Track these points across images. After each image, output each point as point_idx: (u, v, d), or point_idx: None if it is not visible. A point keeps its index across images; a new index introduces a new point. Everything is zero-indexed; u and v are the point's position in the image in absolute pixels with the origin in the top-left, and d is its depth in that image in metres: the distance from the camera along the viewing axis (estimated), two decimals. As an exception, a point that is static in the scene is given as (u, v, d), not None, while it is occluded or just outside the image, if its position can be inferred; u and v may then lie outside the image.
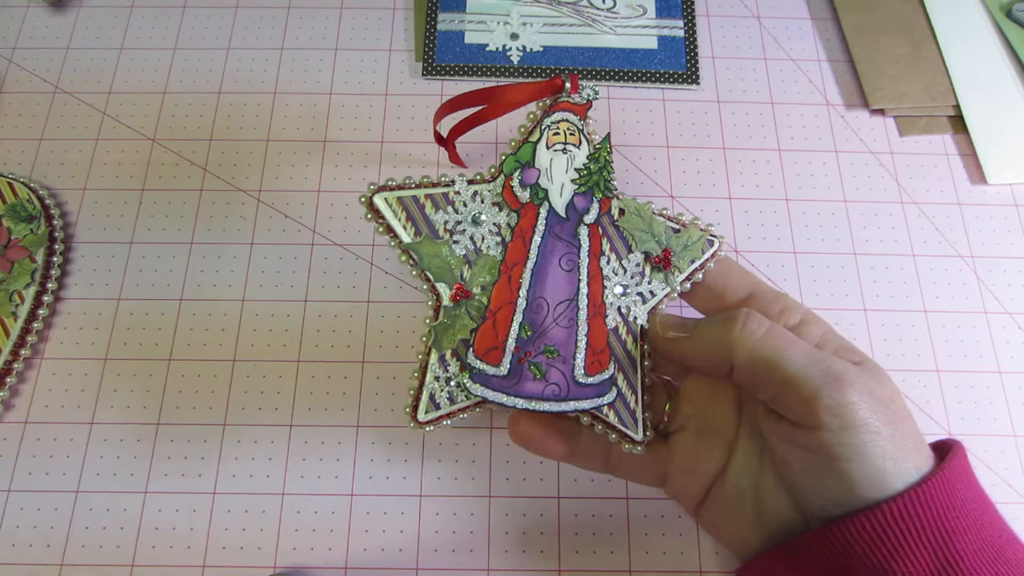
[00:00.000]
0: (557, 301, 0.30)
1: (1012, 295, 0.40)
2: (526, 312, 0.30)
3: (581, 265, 0.30)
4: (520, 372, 0.29)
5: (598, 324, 0.30)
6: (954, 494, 0.25)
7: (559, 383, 0.29)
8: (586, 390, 0.29)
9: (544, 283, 0.30)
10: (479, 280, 0.30)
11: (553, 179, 0.31)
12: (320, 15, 0.46)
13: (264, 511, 0.35)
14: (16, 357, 0.36)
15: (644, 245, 0.31)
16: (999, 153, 0.43)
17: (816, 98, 0.45)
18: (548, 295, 0.30)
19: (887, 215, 0.42)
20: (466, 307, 0.30)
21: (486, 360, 0.29)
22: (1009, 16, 0.46)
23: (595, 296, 0.30)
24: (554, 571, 0.34)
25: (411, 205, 0.31)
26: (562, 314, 0.30)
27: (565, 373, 0.29)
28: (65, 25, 0.46)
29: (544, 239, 0.31)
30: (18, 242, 0.38)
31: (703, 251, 0.31)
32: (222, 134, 0.43)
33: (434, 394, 0.30)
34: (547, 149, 0.31)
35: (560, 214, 0.31)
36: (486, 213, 0.31)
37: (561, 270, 0.30)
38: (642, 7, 0.46)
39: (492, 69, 0.44)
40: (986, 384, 0.38)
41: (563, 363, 0.29)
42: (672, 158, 0.43)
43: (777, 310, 0.30)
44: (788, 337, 0.27)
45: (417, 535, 0.35)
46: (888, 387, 0.27)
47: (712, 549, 0.34)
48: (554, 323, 0.30)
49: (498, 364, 0.29)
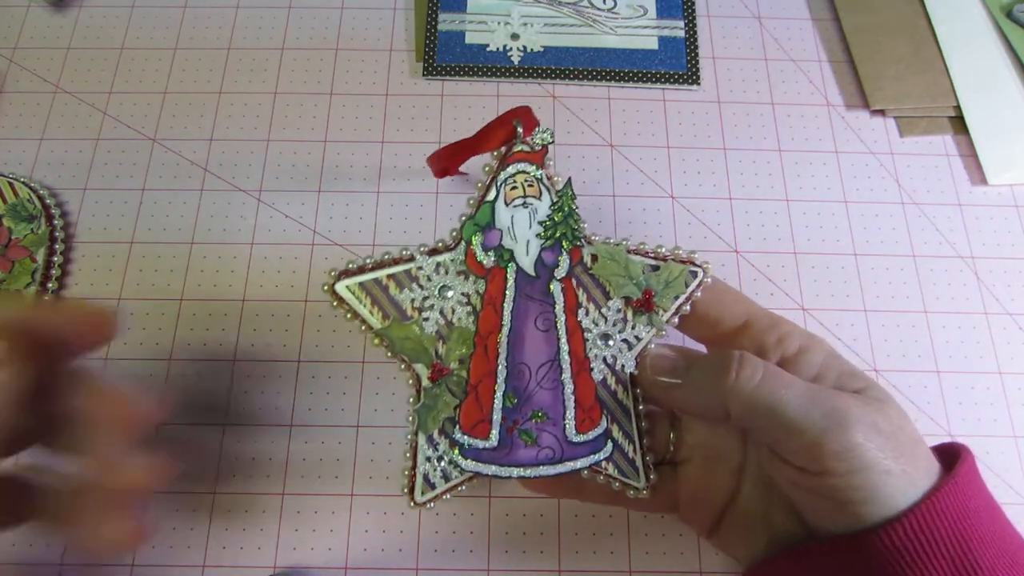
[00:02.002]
0: (538, 364, 0.29)
1: (1012, 296, 0.40)
2: (508, 380, 0.29)
3: (558, 323, 0.29)
4: (511, 442, 0.29)
5: (584, 380, 0.29)
6: (967, 502, 0.25)
7: (552, 447, 0.29)
8: (580, 448, 0.29)
9: (522, 348, 0.29)
10: (455, 354, 0.29)
11: (517, 238, 0.30)
12: (320, 15, 0.46)
13: (264, 511, 0.35)
14: (16, 357, 0.36)
15: (622, 290, 0.30)
16: (999, 154, 0.43)
17: (817, 99, 0.45)
18: (528, 359, 0.29)
19: (887, 215, 0.42)
20: (446, 384, 0.29)
21: (474, 435, 0.29)
22: (1010, 17, 0.46)
23: (577, 352, 0.29)
24: (554, 571, 0.34)
25: (374, 289, 0.29)
26: (545, 376, 0.29)
27: (557, 435, 0.29)
28: (65, 25, 0.46)
29: (516, 303, 0.29)
30: (18, 242, 0.38)
31: (687, 284, 0.30)
32: (222, 134, 0.43)
33: (428, 474, 0.29)
34: (506, 207, 0.30)
35: (529, 273, 0.30)
36: (452, 284, 0.30)
37: (538, 331, 0.29)
38: (643, 7, 0.46)
39: (493, 69, 0.44)
40: (986, 385, 0.38)
41: (553, 425, 0.29)
42: (672, 158, 0.43)
43: (774, 339, 0.29)
44: (784, 379, 0.26)
45: (417, 535, 0.35)
46: (894, 415, 0.26)
47: (712, 549, 0.34)
48: (538, 387, 0.29)
49: (487, 437, 0.29)
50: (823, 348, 0.29)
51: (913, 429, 0.27)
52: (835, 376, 0.28)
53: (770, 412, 0.25)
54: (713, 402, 0.27)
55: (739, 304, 0.30)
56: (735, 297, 0.31)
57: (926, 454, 0.26)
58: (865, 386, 0.27)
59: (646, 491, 0.29)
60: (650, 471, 0.29)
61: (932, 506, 0.24)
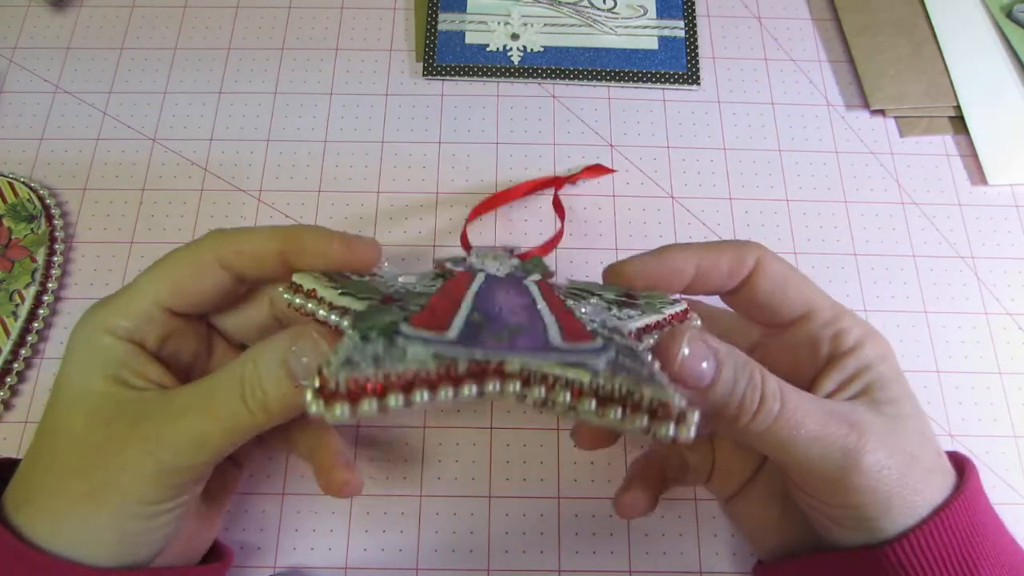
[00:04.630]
0: (510, 305, 0.24)
1: (1012, 296, 0.40)
2: (476, 300, 0.23)
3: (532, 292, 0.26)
4: (476, 333, 0.21)
5: (567, 316, 0.23)
6: (975, 518, 0.25)
7: (529, 342, 0.21)
8: (568, 353, 0.21)
9: (492, 296, 0.24)
10: (412, 303, 0.24)
11: (487, 268, 0.28)
12: (320, 15, 0.46)
13: (264, 511, 0.35)
14: (16, 357, 0.36)
15: (603, 292, 0.27)
16: (999, 154, 0.43)
17: (816, 99, 0.45)
18: (499, 301, 0.24)
19: (887, 216, 0.42)
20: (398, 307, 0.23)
21: (427, 327, 0.21)
22: (1010, 17, 0.46)
23: (555, 302, 0.25)
24: (554, 571, 0.34)
25: (335, 275, 0.27)
26: (519, 309, 0.24)
27: (537, 341, 0.21)
28: (65, 25, 0.46)
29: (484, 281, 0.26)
30: (18, 242, 0.38)
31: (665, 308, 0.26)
32: (222, 134, 0.43)
33: (351, 356, 0.19)
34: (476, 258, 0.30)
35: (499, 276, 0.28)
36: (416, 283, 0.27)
37: (509, 292, 0.25)
38: (642, 7, 0.46)
39: (493, 69, 0.44)
40: (986, 385, 0.38)
41: (531, 333, 0.22)
42: (672, 158, 0.43)
43: (829, 335, 0.28)
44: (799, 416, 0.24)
45: (417, 535, 0.35)
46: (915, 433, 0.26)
47: (712, 549, 0.34)
48: (511, 313, 0.23)
49: (444, 330, 0.21)
50: (879, 345, 0.28)
51: (933, 444, 0.26)
52: (869, 380, 0.27)
53: (784, 450, 0.24)
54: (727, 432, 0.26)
55: (802, 292, 0.28)
56: (798, 283, 0.28)
57: (943, 469, 0.26)
58: (895, 397, 0.26)
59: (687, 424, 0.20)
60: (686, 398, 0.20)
61: (942, 522, 0.24)
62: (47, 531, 0.25)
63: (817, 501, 0.26)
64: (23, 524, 0.25)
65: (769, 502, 0.30)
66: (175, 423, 0.25)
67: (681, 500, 0.35)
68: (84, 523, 0.24)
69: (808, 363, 0.28)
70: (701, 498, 0.35)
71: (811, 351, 0.28)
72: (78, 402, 0.26)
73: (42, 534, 0.24)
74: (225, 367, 0.25)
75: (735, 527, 0.34)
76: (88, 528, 0.25)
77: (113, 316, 0.26)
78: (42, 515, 0.25)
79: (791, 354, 0.29)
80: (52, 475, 0.25)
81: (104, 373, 0.26)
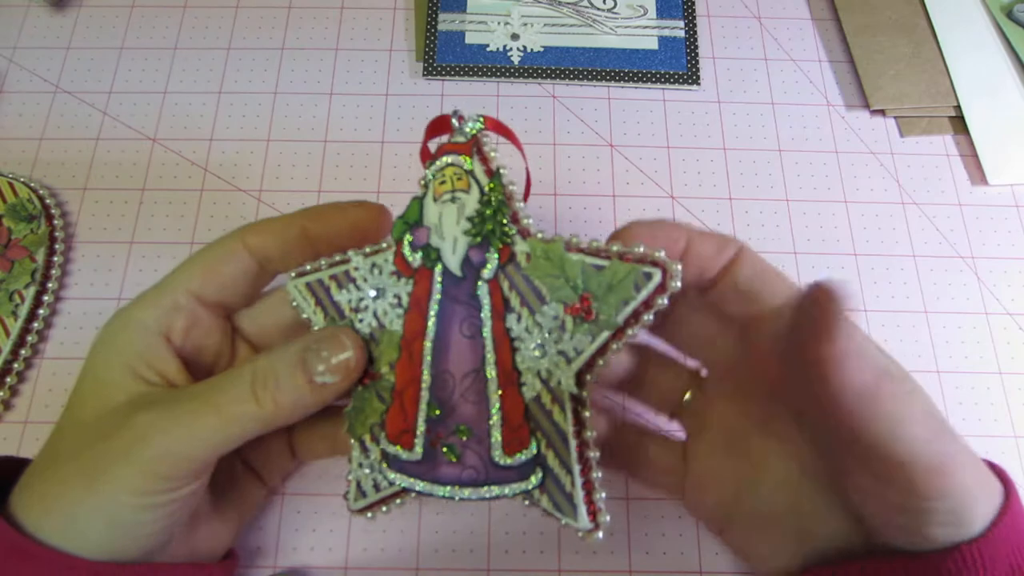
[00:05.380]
0: (462, 373, 0.26)
1: (1012, 296, 0.40)
2: (432, 390, 0.27)
3: (484, 329, 0.26)
4: (435, 456, 0.27)
5: (512, 395, 0.26)
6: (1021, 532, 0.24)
7: (476, 467, 0.26)
8: (507, 473, 0.26)
9: (447, 355, 0.26)
10: (385, 359, 0.27)
11: (444, 235, 0.27)
12: (320, 15, 0.46)
13: (265, 511, 0.35)
14: (16, 357, 0.36)
15: (557, 293, 0.25)
16: (1000, 154, 0.43)
17: (817, 99, 0.45)
18: (452, 367, 0.26)
19: (887, 215, 0.42)
20: (375, 389, 0.27)
21: (400, 444, 0.27)
22: (1010, 17, 0.46)
23: (504, 362, 0.26)
24: (554, 571, 0.34)
25: (318, 289, 0.28)
26: (469, 387, 0.26)
27: (481, 455, 0.26)
28: (65, 25, 0.46)
29: (441, 306, 0.27)
30: (18, 242, 0.38)
31: (637, 287, 0.24)
32: (222, 134, 0.43)
33: (360, 481, 0.28)
34: (435, 202, 0.27)
35: (456, 273, 0.27)
36: (387, 285, 0.27)
37: (463, 337, 0.26)
38: (642, 7, 0.46)
39: (493, 69, 0.44)
40: (987, 385, 0.38)
41: (478, 444, 0.26)
42: (672, 158, 0.43)
43: None
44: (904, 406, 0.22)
45: (417, 535, 0.35)
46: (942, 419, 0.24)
47: (712, 549, 0.34)
48: (462, 398, 0.26)
49: (411, 448, 0.27)
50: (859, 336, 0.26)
51: None
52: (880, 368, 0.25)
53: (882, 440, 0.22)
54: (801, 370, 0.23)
55: (782, 281, 0.26)
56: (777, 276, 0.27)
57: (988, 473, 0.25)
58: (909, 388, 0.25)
59: (593, 533, 0.25)
60: (599, 510, 0.25)
61: (998, 533, 0.23)
62: (38, 516, 0.24)
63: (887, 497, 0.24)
64: (20, 509, 0.25)
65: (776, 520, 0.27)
66: (172, 411, 0.25)
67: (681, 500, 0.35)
68: (73, 510, 0.24)
69: None
70: (701, 498, 0.35)
71: None
72: (93, 392, 0.26)
73: (34, 519, 0.24)
74: (239, 365, 0.26)
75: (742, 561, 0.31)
76: (77, 515, 0.24)
77: (141, 308, 0.27)
78: (35, 499, 0.25)
79: None
80: (52, 459, 0.26)
81: (122, 366, 0.26)
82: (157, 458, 0.24)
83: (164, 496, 0.25)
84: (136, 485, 0.24)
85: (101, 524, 0.24)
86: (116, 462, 0.24)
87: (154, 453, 0.24)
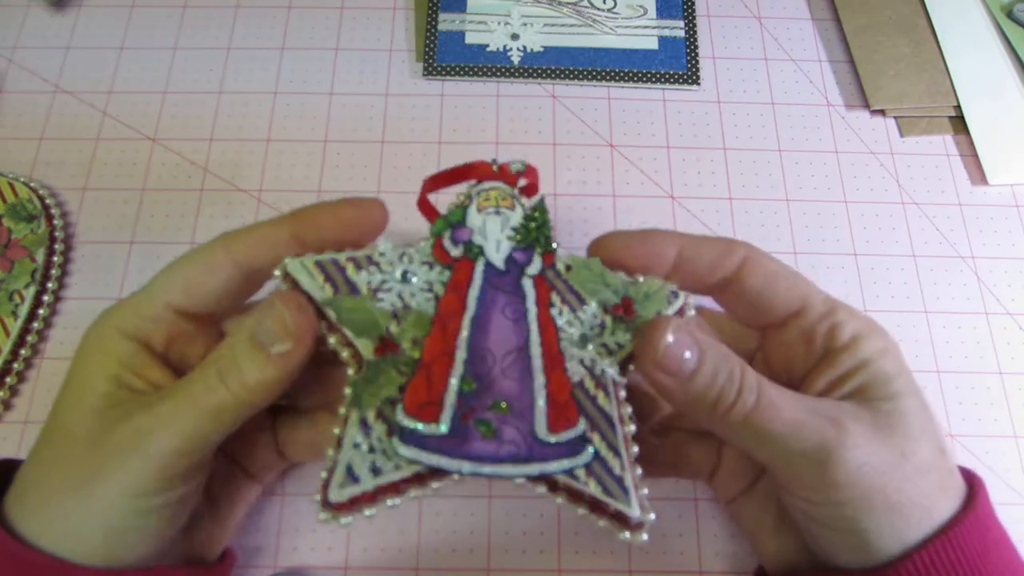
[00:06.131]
0: (504, 351, 0.26)
1: (1012, 295, 0.40)
2: (467, 364, 0.25)
3: (528, 315, 0.26)
4: (465, 432, 0.24)
5: (557, 376, 0.25)
6: (985, 535, 0.24)
7: (516, 442, 0.24)
8: (552, 449, 0.24)
9: (487, 333, 0.26)
10: (409, 335, 0.26)
11: (487, 236, 0.27)
12: (320, 15, 0.46)
13: (264, 511, 0.35)
14: (16, 357, 0.36)
15: (598, 295, 0.27)
16: (1000, 154, 0.43)
17: (817, 99, 0.45)
18: (493, 345, 0.26)
19: (887, 215, 0.42)
20: (393, 361, 0.25)
21: (419, 417, 0.24)
22: (1010, 16, 0.46)
23: (549, 345, 0.26)
24: (554, 571, 0.34)
25: (330, 267, 0.26)
26: (510, 365, 0.25)
27: (522, 431, 0.24)
28: (65, 25, 0.46)
29: (482, 290, 0.26)
30: (18, 242, 0.38)
31: (668, 302, 0.27)
32: (222, 134, 0.43)
33: (352, 465, 0.24)
34: (478, 212, 0.28)
35: (499, 267, 0.27)
36: (416, 271, 0.27)
37: (505, 319, 0.26)
38: (642, 7, 0.46)
39: (493, 69, 0.44)
40: (987, 385, 0.38)
41: (519, 419, 0.24)
42: (672, 159, 0.43)
43: (824, 329, 0.27)
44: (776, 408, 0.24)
45: (417, 535, 0.35)
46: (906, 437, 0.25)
47: (712, 549, 0.34)
48: (502, 374, 0.25)
49: (436, 421, 0.24)
50: (878, 339, 0.27)
51: (934, 443, 0.25)
52: (866, 378, 0.26)
53: (760, 443, 0.25)
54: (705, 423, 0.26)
55: (795, 288, 0.28)
56: (790, 279, 0.28)
57: (946, 481, 0.25)
58: (895, 393, 0.25)
59: (638, 533, 0.24)
60: (646, 505, 0.24)
61: (950, 541, 0.23)
62: (36, 525, 0.24)
63: (800, 500, 0.25)
64: (17, 519, 0.25)
65: (767, 507, 0.30)
66: (155, 411, 0.24)
67: (681, 500, 0.35)
68: (70, 517, 0.24)
69: (802, 360, 0.27)
70: (701, 498, 0.35)
71: (805, 347, 0.27)
72: (79, 400, 0.26)
73: (33, 529, 0.24)
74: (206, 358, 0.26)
75: (737, 527, 0.34)
76: (74, 522, 0.24)
77: (123, 315, 0.27)
78: (32, 509, 0.25)
79: (785, 352, 0.28)
80: (44, 468, 0.25)
81: (106, 372, 0.26)
82: (152, 458, 0.24)
83: (161, 498, 0.25)
84: (131, 487, 0.24)
85: (99, 531, 0.24)
86: (110, 468, 0.24)
87: (148, 454, 0.24)
